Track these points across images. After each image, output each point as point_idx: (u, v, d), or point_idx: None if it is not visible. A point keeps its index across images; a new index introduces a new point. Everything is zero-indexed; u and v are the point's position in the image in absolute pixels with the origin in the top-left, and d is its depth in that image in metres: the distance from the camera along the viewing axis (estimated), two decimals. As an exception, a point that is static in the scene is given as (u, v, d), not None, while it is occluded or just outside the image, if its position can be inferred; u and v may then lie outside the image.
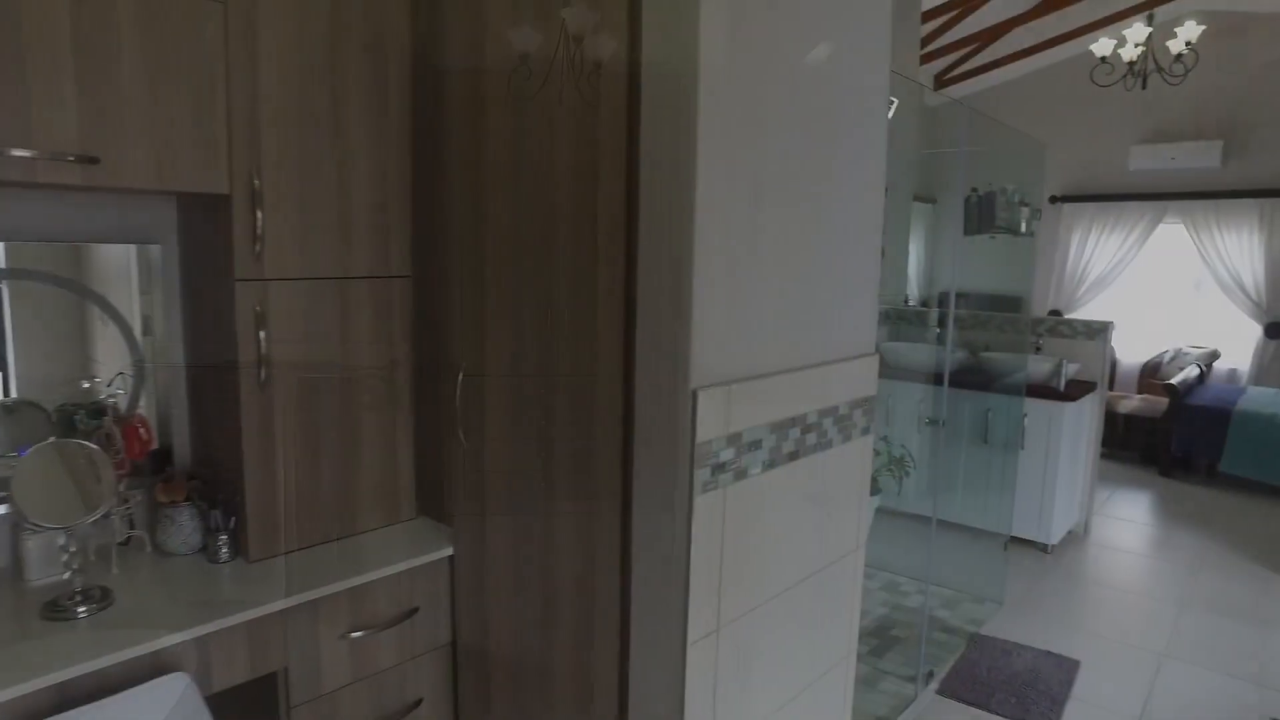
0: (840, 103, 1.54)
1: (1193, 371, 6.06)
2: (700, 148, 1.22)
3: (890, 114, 4.08)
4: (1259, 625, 3.35)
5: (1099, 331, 4.20)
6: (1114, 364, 7.40)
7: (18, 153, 1.26)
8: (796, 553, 1.56)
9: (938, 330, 4.58)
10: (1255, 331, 6.68)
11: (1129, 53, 5.55)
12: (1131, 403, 6.05)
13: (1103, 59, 5.60)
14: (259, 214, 1.53)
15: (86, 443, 1.47)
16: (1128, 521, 4.64)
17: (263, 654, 1.46)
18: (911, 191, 4.58)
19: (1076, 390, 3.97)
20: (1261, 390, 5.95)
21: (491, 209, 1.56)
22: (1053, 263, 7.65)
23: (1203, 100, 6.83)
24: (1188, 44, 5.27)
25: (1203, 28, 5.28)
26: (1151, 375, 7.05)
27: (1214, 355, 6.84)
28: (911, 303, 4.98)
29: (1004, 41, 7.20)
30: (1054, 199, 7.57)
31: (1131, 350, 7.37)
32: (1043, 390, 3.93)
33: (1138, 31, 5.40)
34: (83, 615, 1.37)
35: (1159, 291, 7.34)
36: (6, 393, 1.58)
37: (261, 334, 1.57)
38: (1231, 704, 2.77)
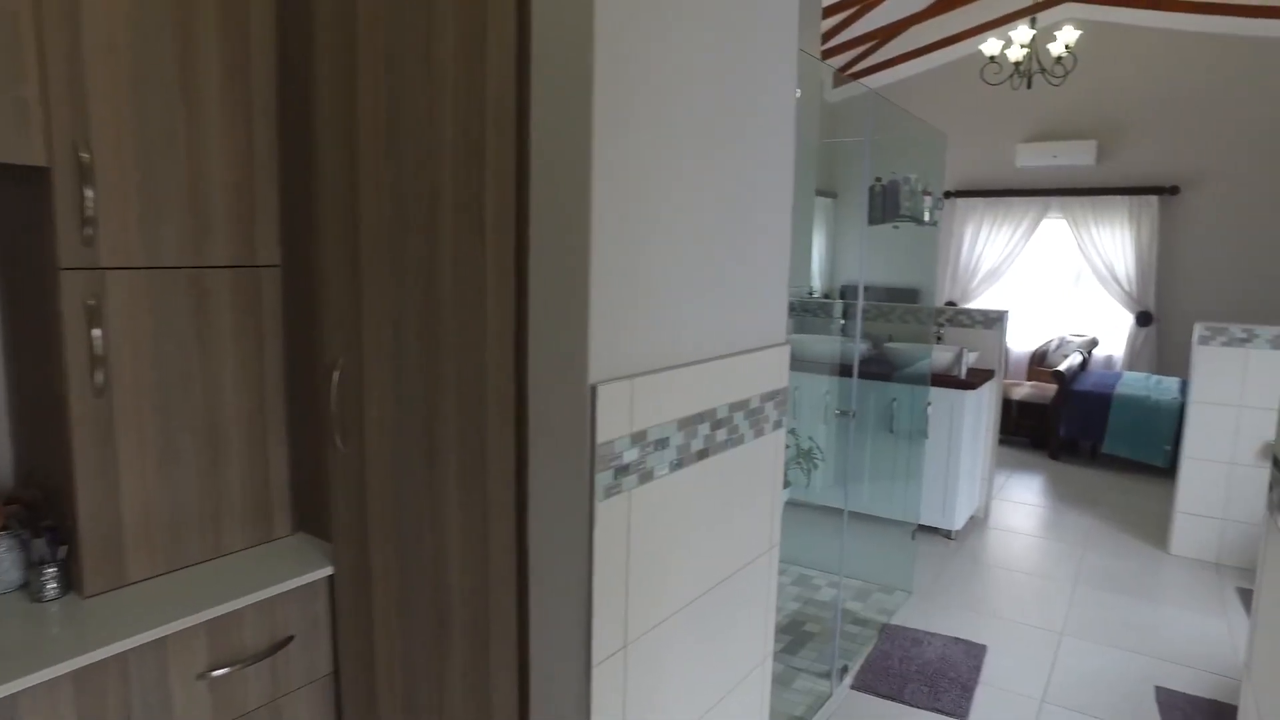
0: (746, 74, 1.45)
1: (1076, 359, 6.36)
2: (597, 116, 1.10)
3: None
4: (1144, 599, 3.50)
5: (996, 321, 4.32)
6: (1006, 353, 7.73)
7: None
8: (708, 558, 1.46)
9: (843, 322, 4.62)
10: (1128, 320, 7.10)
11: (1015, 54, 5.80)
12: (1023, 389, 6.31)
13: (991, 58, 5.82)
14: (88, 192, 1.32)
15: None
16: (1023, 504, 4.81)
17: (96, 708, 1.24)
18: (814, 185, 4.60)
19: (976, 378, 4.07)
20: (1135, 375, 6.30)
21: (366, 187, 1.39)
22: (949, 255, 7.92)
23: (1080, 102, 7.20)
24: (1067, 47, 5.54)
25: (1079, 33, 5.56)
26: (1039, 363, 7.38)
27: (1093, 343, 7.23)
28: (815, 295, 5.01)
29: (901, 39, 7.39)
30: (949, 194, 7.83)
31: (1021, 339, 7.71)
32: (945, 379, 4.01)
33: (1022, 33, 5.63)
34: None
35: (1044, 283, 7.71)
36: None
37: (96, 332, 1.35)
38: (1125, 675, 2.87)
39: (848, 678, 2.75)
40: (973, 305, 7.74)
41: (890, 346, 4.27)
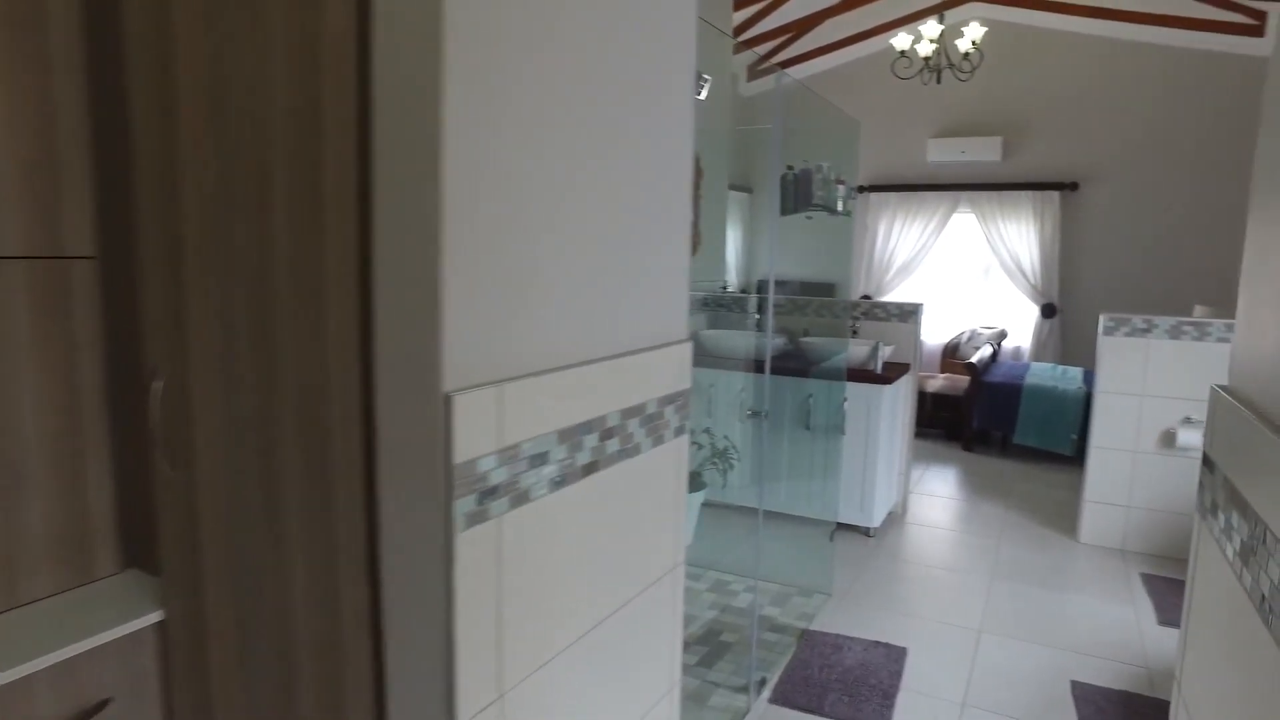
0: (639, 52, 1.28)
1: (987, 351, 6.48)
2: (449, 74, 0.91)
3: (704, 94, 3.92)
4: (1057, 590, 3.52)
5: (911, 314, 4.31)
6: (921, 346, 7.85)
7: None
8: (602, 584, 1.30)
9: (757, 316, 4.53)
10: (1034, 312, 7.29)
11: (924, 49, 5.86)
12: (937, 382, 6.39)
13: (902, 53, 5.87)
14: None
15: None
16: (940, 498, 4.83)
17: None
18: (727, 178, 4.49)
19: (892, 372, 4.03)
20: (1042, 365, 6.47)
21: (188, 163, 1.17)
22: (863, 249, 7.99)
23: (987, 100, 7.35)
24: (974, 44, 5.62)
25: (985, 29, 5.64)
26: (951, 355, 7.52)
27: (1003, 335, 7.40)
28: (731, 289, 4.91)
29: (816, 33, 7.40)
30: (862, 188, 7.90)
31: (934, 332, 7.84)
32: (861, 374, 3.96)
33: (931, 29, 5.68)
34: None
35: (955, 276, 7.86)
36: None
37: None
38: (1042, 671, 2.85)
39: (766, 690, 2.63)
40: (887, 299, 7.83)
41: (806, 341, 4.20)
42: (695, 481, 4.10)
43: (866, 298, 7.91)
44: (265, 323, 1.12)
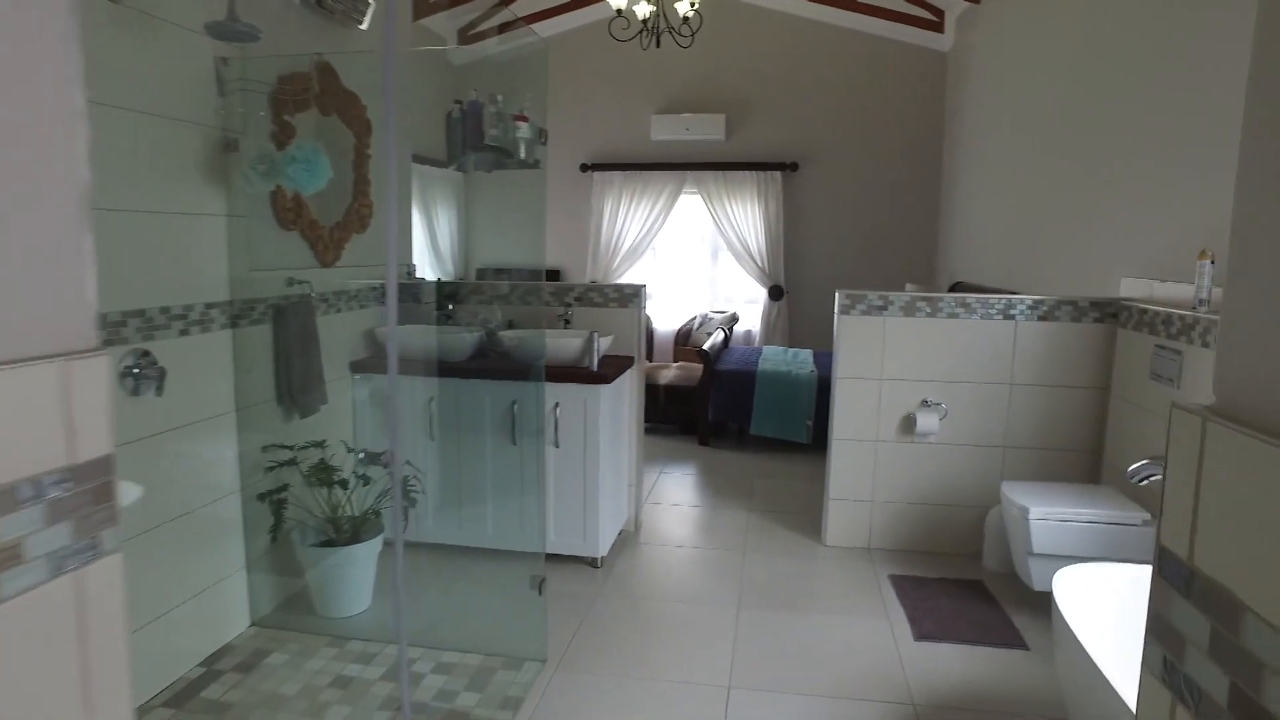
0: None
1: (719, 336, 6.11)
2: None
3: (365, 22, 2.88)
4: (809, 612, 3.01)
5: (632, 297, 3.61)
6: (652, 334, 7.39)
7: None
8: None
9: (450, 308, 3.60)
10: (762, 294, 7.13)
11: (642, 10, 5.30)
12: (670, 373, 5.88)
13: (619, 12, 5.25)
14: None
15: None
16: (678, 506, 4.24)
17: None
18: (410, 148, 3.49)
19: (612, 368, 3.31)
20: (774, 349, 6.23)
21: None
22: (588, 232, 7.36)
23: (709, 75, 7.03)
24: (693, 5, 5.16)
25: (704, -14, 5.18)
26: (684, 342, 7.13)
27: (734, 319, 7.14)
28: (424, 277, 3.92)
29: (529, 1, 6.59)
30: (585, 167, 7.26)
31: (665, 319, 7.42)
32: (574, 372, 3.18)
33: (647, -15, 5.11)
34: None
35: (685, 260, 7.51)
36: None
37: None
38: (802, 738, 2.25)
39: None
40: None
41: (509, 336, 3.35)
42: (372, 525, 3.10)
43: (595, 284, 7.29)
44: None
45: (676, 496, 4.38)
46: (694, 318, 7.30)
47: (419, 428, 3.34)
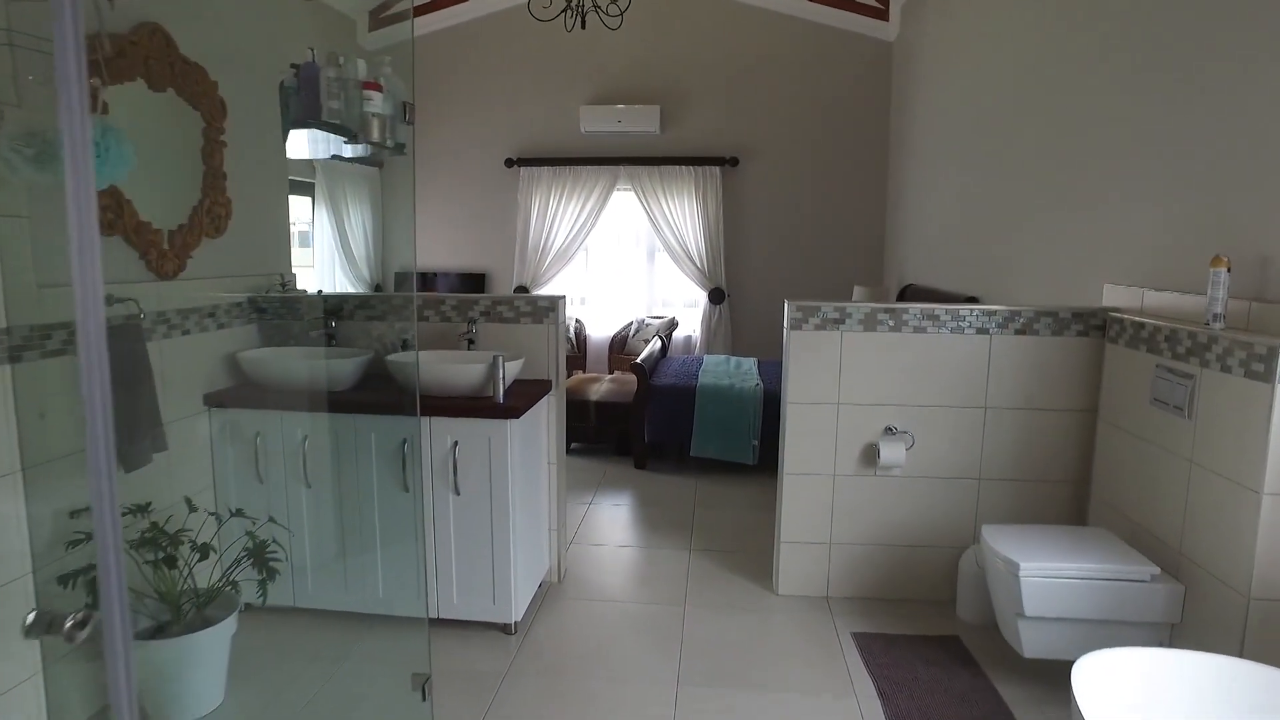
0: None
1: (656, 345, 5.61)
2: None
3: None
4: (761, 689, 2.53)
5: (548, 310, 3.07)
6: (584, 341, 6.85)
7: None
8: None
9: (332, 325, 3.00)
10: (702, 298, 6.67)
11: (565, -14, 4.77)
12: (603, 387, 5.35)
13: (538, -15, 4.72)
14: None
15: None
16: (610, 547, 3.72)
17: None
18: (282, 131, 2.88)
19: (524, 397, 2.76)
20: (715, 358, 5.77)
21: None
22: (515, 233, 6.78)
23: (642, 63, 6.52)
24: (621, -18, 4.65)
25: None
26: (620, 350, 6.63)
27: (673, 324, 6.66)
28: (303, 289, 3.31)
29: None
30: (510, 161, 6.68)
31: (599, 325, 6.90)
32: (476, 405, 2.63)
33: (570, -45, 4.57)
34: None
35: (620, 262, 6.99)
36: None
37: None
38: None
39: None
40: (544, 291, 6.71)
41: (396, 361, 2.77)
42: (225, 600, 2.50)
43: (522, 289, 6.73)
44: None
45: (608, 534, 3.86)
46: (630, 323, 6.80)
47: (290, 472, 2.74)
